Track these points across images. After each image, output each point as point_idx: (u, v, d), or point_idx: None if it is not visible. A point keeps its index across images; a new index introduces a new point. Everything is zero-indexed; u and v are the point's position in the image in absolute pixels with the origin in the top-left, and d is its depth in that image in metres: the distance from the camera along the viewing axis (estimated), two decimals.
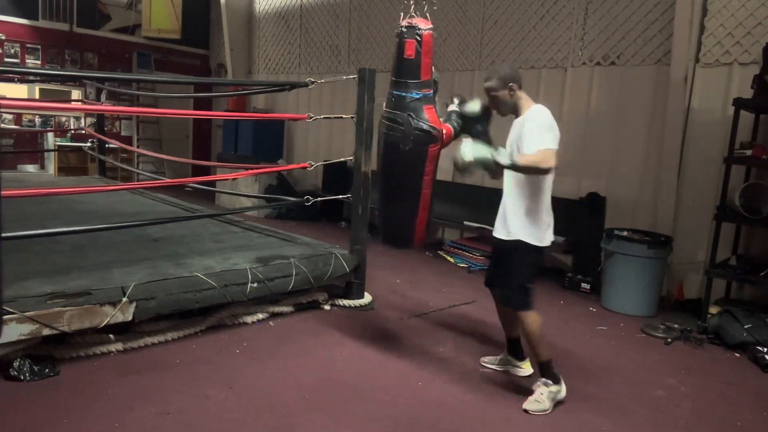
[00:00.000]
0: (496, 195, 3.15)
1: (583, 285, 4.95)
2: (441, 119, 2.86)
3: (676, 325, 4.07)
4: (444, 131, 2.82)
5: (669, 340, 3.83)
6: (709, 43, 4.63)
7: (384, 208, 3.04)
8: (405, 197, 2.89)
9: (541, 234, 2.76)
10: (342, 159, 4.58)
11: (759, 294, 4.42)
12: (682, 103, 4.69)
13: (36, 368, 2.67)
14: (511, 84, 2.72)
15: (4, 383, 2.60)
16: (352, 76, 4.12)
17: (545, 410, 2.69)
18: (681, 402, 2.95)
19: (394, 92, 2.75)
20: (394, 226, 3.05)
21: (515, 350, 3.14)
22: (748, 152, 3.98)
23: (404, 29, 2.72)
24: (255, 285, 3.46)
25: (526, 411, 2.68)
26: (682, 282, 4.77)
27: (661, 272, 4.50)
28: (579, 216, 5.21)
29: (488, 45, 6.17)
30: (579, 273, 5.06)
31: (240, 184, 7.77)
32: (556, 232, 5.68)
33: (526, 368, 3.14)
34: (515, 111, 2.78)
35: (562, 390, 2.80)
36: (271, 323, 3.64)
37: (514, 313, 2.84)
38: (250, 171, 6.30)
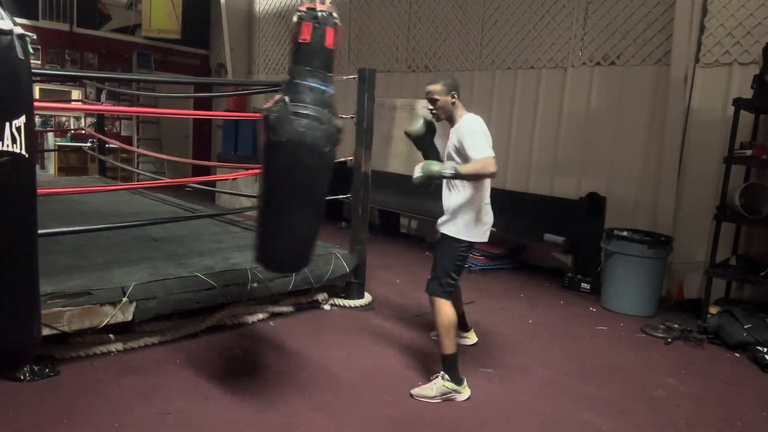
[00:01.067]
0: (496, 195, 3.17)
1: (583, 285, 4.95)
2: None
3: (676, 325, 4.07)
4: None
5: (669, 340, 3.83)
6: (709, 43, 4.63)
7: (278, 222, 2.44)
8: (311, 207, 2.48)
9: (475, 231, 2.98)
10: (342, 159, 4.57)
11: (759, 294, 4.42)
12: (682, 103, 4.69)
13: (36, 368, 2.67)
14: (453, 92, 2.87)
15: (4, 383, 2.60)
16: (352, 76, 4.12)
17: (428, 398, 2.76)
18: (681, 402, 2.95)
19: (312, 84, 2.33)
20: (291, 243, 2.49)
21: (461, 324, 3.39)
22: (748, 152, 3.98)
23: (316, 13, 2.30)
24: (255, 285, 3.46)
25: (411, 395, 2.79)
26: (682, 282, 4.77)
27: (661, 272, 4.50)
28: (579, 216, 5.21)
29: (488, 45, 6.17)
30: (579, 273, 5.06)
31: (240, 184, 7.77)
32: (557, 232, 5.72)
33: (471, 338, 3.52)
34: (451, 119, 2.93)
35: (462, 393, 2.80)
36: (271, 323, 3.64)
37: (458, 292, 3.22)
38: (250, 171, 6.30)
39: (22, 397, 2.50)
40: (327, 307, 4.04)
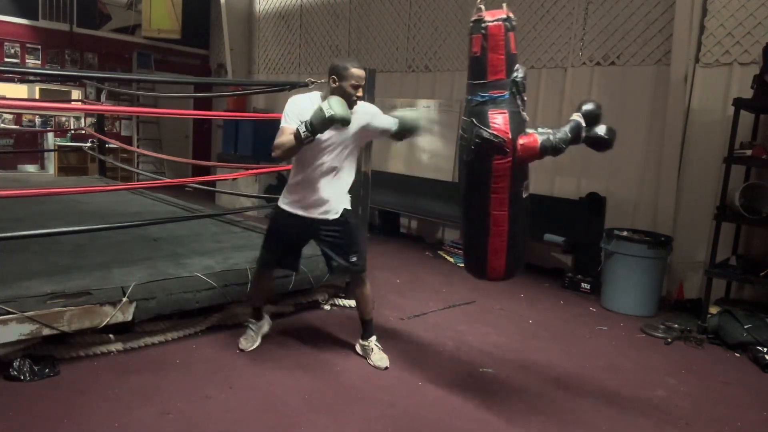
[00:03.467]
0: None
1: (583, 285, 4.95)
2: (531, 129, 2.65)
3: (676, 325, 4.07)
4: (520, 141, 2.48)
5: (669, 340, 3.83)
6: (709, 43, 4.63)
7: (462, 228, 2.88)
8: (473, 217, 2.70)
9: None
10: None
11: (759, 294, 4.42)
12: (682, 103, 4.69)
13: (36, 368, 2.67)
14: (333, 76, 2.86)
15: (4, 383, 2.60)
16: None
17: (387, 360, 3.09)
18: (681, 402, 2.95)
19: (467, 97, 2.49)
20: (468, 249, 2.87)
21: (259, 314, 3.34)
22: (748, 152, 3.98)
23: (471, 24, 2.44)
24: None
25: (380, 367, 3.05)
26: (682, 282, 4.77)
27: (661, 272, 4.50)
28: (579, 216, 5.22)
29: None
30: (579, 273, 5.06)
31: (240, 184, 7.77)
32: (557, 232, 5.71)
33: (267, 318, 3.41)
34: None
35: None
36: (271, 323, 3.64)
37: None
38: (250, 171, 6.31)
39: (22, 397, 2.50)
40: (327, 307, 4.04)
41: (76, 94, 9.15)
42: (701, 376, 3.31)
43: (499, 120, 2.37)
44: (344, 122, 2.64)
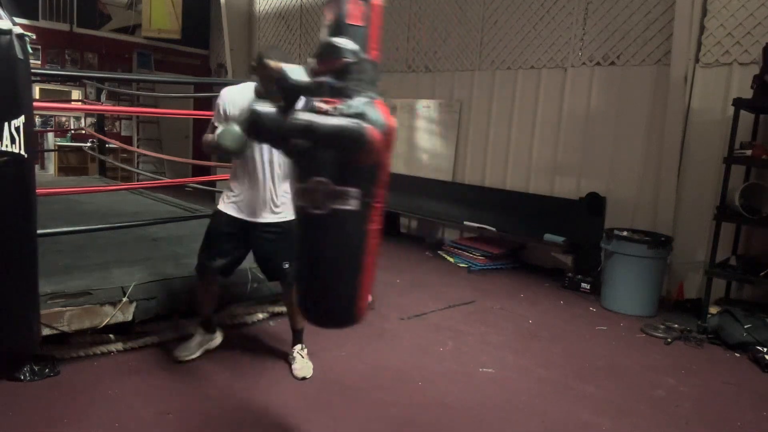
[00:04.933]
0: (496, 195, 3.15)
1: (583, 285, 4.94)
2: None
3: (676, 325, 4.07)
4: None
5: (669, 340, 3.83)
6: (709, 43, 4.63)
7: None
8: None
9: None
10: None
11: (759, 294, 4.42)
12: (682, 103, 4.69)
13: (36, 368, 2.67)
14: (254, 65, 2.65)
15: (4, 383, 2.59)
16: None
17: (311, 369, 2.94)
18: (681, 402, 2.95)
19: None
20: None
21: (209, 326, 3.07)
22: (748, 152, 3.98)
23: None
24: (255, 285, 3.46)
25: (301, 378, 2.88)
26: (682, 282, 4.77)
27: (661, 272, 4.50)
28: (579, 216, 5.22)
29: (488, 45, 6.17)
30: (579, 273, 5.06)
31: None
32: (557, 232, 5.72)
33: (220, 337, 3.15)
34: None
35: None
36: (271, 323, 3.64)
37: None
38: None
39: (22, 397, 2.50)
40: None
41: (76, 94, 9.15)
42: (701, 376, 3.31)
43: None
44: (235, 154, 2.51)
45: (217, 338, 3.11)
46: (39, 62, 8.66)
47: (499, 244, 5.78)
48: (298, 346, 3.02)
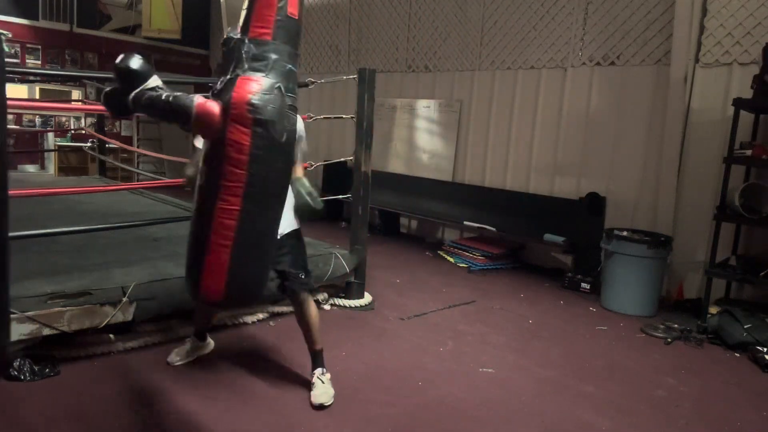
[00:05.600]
0: (496, 195, 3.14)
1: (583, 285, 4.95)
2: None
3: (676, 325, 4.07)
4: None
5: (669, 340, 3.83)
6: (709, 43, 4.63)
7: (262, 244, 1.88)
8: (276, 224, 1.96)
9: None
10: (342, 159, 4.58)
11: (759, 294, 4.42)
12: (682, 103, 4.69)
13: (36, 368, 2.67)
14: None
15: (4, 383, 2.60)
16: (352, 76, 4.13)
17: (331, 396, 2.65)
18: (681, 402, 2.95)
19: (294, 68, 1.88)
20: (264, 270, 1.96)
21: (202, 334, 3.05)
22: (748, 152, 3.98)
23: None
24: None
25: (322, 406, 2.59)
26: (682, 282, 4.77)
27: (661, 272, 4.50)
28: (579, 216, 5.22)
29: (488, 45, 6.17)
30: (579, 273, 5.06)
31: None
32: (557, 232, 5.72)
33: (212, 344, 3.13)
34: None
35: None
36: (271, 323, 3.64)
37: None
38: None
39: (21, 397, 2.50)
40: (327, 307, 4.04)
41: (76, 94, 9.15)
42: (701, 376, 3.31)
43: None
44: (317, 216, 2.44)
45: (209, 345, 3.10)
46: (39, 62, 8.67)
47: (499, 244, 5.78)
48: (318, 370, 2.74)
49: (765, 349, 3.54)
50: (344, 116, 4.47)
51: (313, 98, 7.85)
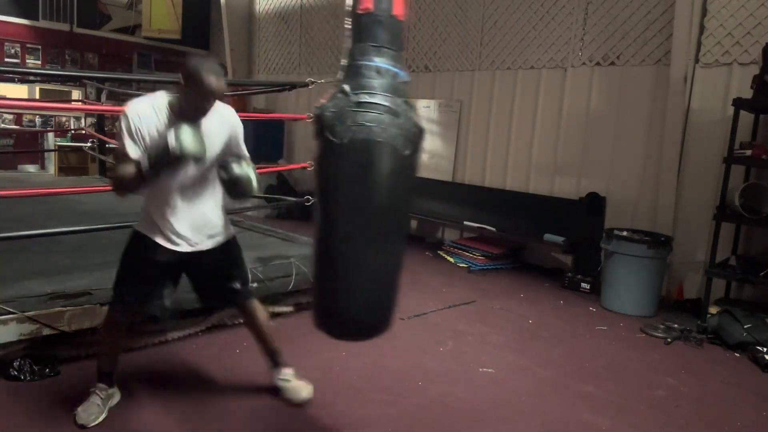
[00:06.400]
0: (496, 195, 3.13)
1: (583, 285, 4.95)
2: None
3: (676, 325, 4.07)
4: None
5: (669, 340, 3.83)
6: (709, 43, 4.63)
7: (344, 262, 1.78)
8: (396, 243, 1.79)
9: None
10: None
11: (759, 294, 4.42)
12: (682, 103, 4.69)
13: (36, 368, 2.67)
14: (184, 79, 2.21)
15: (4, 383, 2.60)
16: None
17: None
18: (681, 402, 2.95)
19: (380, 65, 1.74)
20: (364, 293, 1.84)
21: (110, 378, 2.52)
22: (748, 152, 3.98)
23: None
24: (255, 285, 3.45)
25: (305, 400, 2.55)
26: (682, 282, 4.77)
27: (661, 272, 4.50)
28: (579, 216, 5.21)
29: (488, 45, 6.17)
30: (579, 273, 5.06)
31: None
32: (557, 232, 5.71)
33: (118, 393, 2.57)
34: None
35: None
36: (271, 323, 3.63)
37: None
38: None
39: (22, 397, 2.50)
40: None
41: (76, 94, 9.16)
42: (701, 376, 3.31)
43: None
44: (197, 159, 2.09)
45: (117, 393, 2.54)
46: (39, 62, 8.67)
47: (499, 244, 5.78)
48: (283, 370, 2.66)
49: (765, 349, 3.54)
50: None
51: (313, 98, 7.85)
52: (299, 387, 2.62)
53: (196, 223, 2.33)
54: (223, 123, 2.36)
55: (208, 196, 2.36)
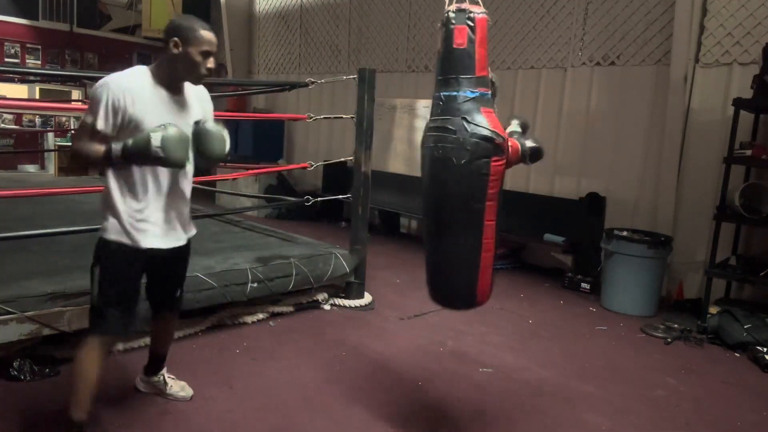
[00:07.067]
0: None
1: (583, 285, 4.95)
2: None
3: (676, 325, 4.07)
4: (510, 143, 2.19)
5: (669, 340, 3.83)
6: (709, 43, 4.63)
7: (432, 253, 2.37)
8: (461, 235, 2.21)
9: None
10: (342, 159, 4.58)
11: (759, 294, 4.42)
12: (682, 103, 4.69)
13: (36, 368, 2.67)
14: (175, 39, 2.14)
15: (4, 383, 2.60)
16: (352, 76, 4.13)
17: None
18: (681, 402, 2.95)
19: (442, 94, 2.11)
20: (448, 277, 2.37)
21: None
22: (748, 152, 3.98)
23: (452, 14, 2.13)
24: (255, 285, 3.46)
25: (192, 396, 2.53)
26: (682, 282, 4.77)
27: (661, 272, 4.50)
28: (579, 216, 5.21)
29: (488, 45, 6.15)
30: (579, 273, 5.06)
31: (240, 184, 7.76)
32: (557, 232, 5.71)
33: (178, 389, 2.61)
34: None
35: None
36: (271, 323, 3.64)
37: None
38: (250, 171, 6.30)
39: (22, 397, 2.50)
40: (327, 307, 4.04)
41: (76, 94, 9.16)
42: (701, 376, 3.31)
43: (493, 118, 2.10)
44: (178, 166, 2.01)
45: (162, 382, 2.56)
46: (39, 62, 8.67)
47: (499, 244, 5.77)
48: (163, 370, 2.59)
49: (765, 349, 3.54)
50: (344, 116, 4.47)
51: (313, 98, 7.85)
52: (183, 386, 2.60)
53: (170, 216, 2.18)
54: (199, 99, 2.29)
55: (185, 186, 2.24)
